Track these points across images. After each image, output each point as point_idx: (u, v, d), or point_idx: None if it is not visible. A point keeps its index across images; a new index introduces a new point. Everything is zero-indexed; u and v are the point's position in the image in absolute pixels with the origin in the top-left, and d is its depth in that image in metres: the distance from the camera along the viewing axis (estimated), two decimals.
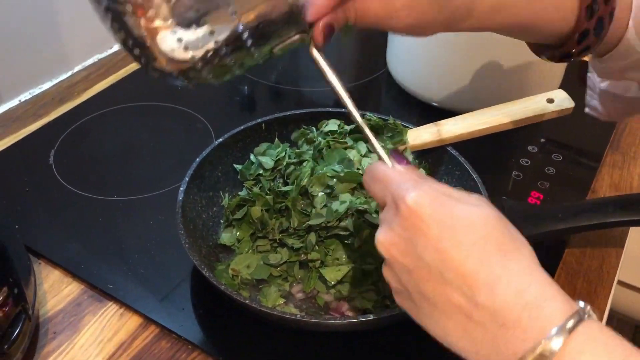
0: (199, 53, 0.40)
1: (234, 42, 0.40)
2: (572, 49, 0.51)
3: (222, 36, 0.39)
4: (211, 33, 0.39)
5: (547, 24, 0.51)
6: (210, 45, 0.40)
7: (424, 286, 0.37)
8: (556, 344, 0.32)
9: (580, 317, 0.33)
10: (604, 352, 0.32)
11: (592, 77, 0.61)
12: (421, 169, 0.66)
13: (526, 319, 0.33)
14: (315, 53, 0.45)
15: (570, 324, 0.33)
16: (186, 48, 0.39)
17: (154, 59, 0.41)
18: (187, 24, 0.39)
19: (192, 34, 0.39)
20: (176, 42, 0.39)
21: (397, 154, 0.44)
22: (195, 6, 0.38)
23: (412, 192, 0.37)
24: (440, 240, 0.36)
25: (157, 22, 0.38)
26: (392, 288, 0.41)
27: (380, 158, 0.44)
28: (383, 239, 0.39)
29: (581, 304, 0.34)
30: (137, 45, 0.40)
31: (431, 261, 0.36)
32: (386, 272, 0.41)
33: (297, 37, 0.44)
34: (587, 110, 0.64)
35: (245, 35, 0.40)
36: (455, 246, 0.35)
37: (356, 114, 0.45)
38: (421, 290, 0.37)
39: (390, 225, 0.39)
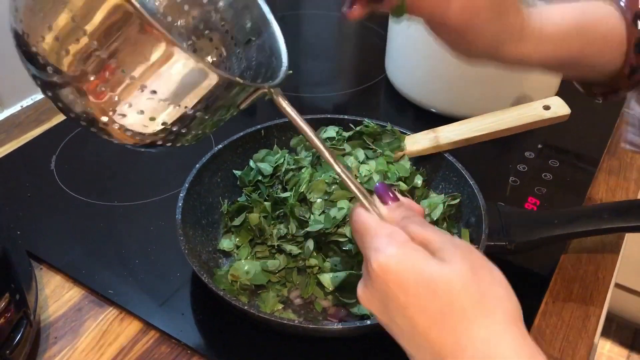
0: (158, 125, 0.40)
1: (190, 122, 0.41)
2: (622, 85, 0.51)
3: (174, 121, 0.40)
4: (163, 123, 0.40)
5: (597, 57, 0.51)
6: (165, 130, 0.41)
7: (402, 342, 0.38)
8: None
9: None
10: None
11: (634, 113, 0.60)
12: (418, 175, 0.67)
13: None
14: (279, 103, 0.44)
15: None
16: (147, 122, 0.40)
17: (116, 137, 0.42)
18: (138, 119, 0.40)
19: (139, 125, 0.40)
20: (136, 116, 0.40)
21: (385, 190, 0.43)
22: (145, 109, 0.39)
23: (381, 254, 0.37)
24: (406, 307, 0.36)
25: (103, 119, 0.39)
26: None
27: (360, 202, 0.43)
28: (361, 293, 0.40)
29: None
30: (93, 125, 0.41)
31: (402, 325, 0.37)
32: (377, 318, 0.41)
33: (255, 95, 0.43)
34: (626, 147, 0.63)
35: (199, 114, 0.40)
36: (421, 313, 0.36)
37: (329, 157, 0.44)
38: (401, 344, 0.39)
39: (366, 281, 0.40)
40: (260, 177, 0.65)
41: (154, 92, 0.38)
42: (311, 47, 1.08)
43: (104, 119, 0.40)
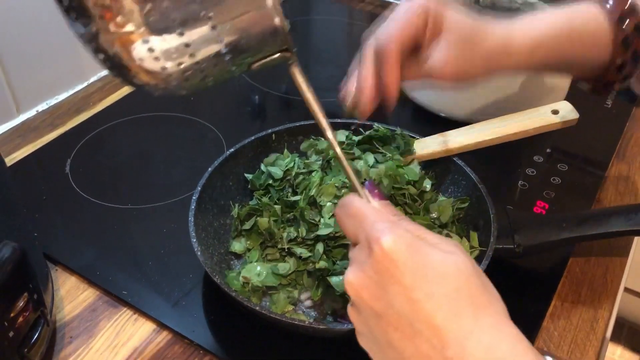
0: (173, 65, 0.37)
1: (212, 55, 0.38)
2: (613, 78, 0.55)
3: (199, 48, 0.37)
4: (187, 45, 0.37)
5: (588, 57, 0.55)
6: (186, 57, 0.37)
7: (392, 334, 0.36)
8: None
9: None
10: None
11: None
12: (427, 179, 0.67)
13: None
14: (296, 73, 0.43)
15: None
16: (160, 59, 0.37)
17: (126, 68, 0.38)
18: (161, 33, 0.36)
19: (167, 44, 0.36)
20: (148, 51, 0.36)
21: (373, 188, 0.43)
22: (171, 15, 0.36)
23: (387, 235, 0.36)
24: (413, 290, 0.35)
25: (128, 28, 0.36)
26: (356, 330, 0.40)
27: (355, 190, 0.42)
28: (353, 279, 0.38)
29: (548, 358, 0.35)
30: (107, 55, 0.38)
31: (402, 309, 0.36)
32: (351, 313, 0.40)
33: (278, 55, 0.41)
34: None
35: (224, 49, 0.38)
36: (428, 297, 0.35)
37: (332, 138, 0.44)
38: (389, 337, 0.37)
39: (362, 266, 0.38)
40: (270, 181, 0.66)
41: (210, 17, 0.36)
42: (322, 53, 1.09)
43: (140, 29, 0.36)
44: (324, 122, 0.44)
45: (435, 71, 0.53)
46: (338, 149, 0.44)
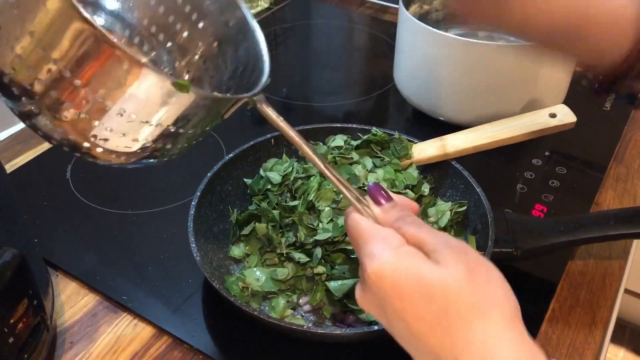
0: (142, 144, 0.40)
1: (174, 138, 0.40)
2: (627, 71, 0.46)
3: (157, 139, 0.40)
4: (146, 142, 0.40)
5: (602, 37, 0.46)
6: (148, 149, 0.40)
7: (402, 344, 0.39)
8: None
9: None
10: None
11: None
12: (425, 183, 0.68)
13: None
14: (264, 110, 0.43)
15: None
16: (130, 142, 0.39)
17: (102, 159, 0.41)
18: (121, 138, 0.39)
19: (127, 148, 0.40)
20: (119, 138, 0.39)
21: (376, 190, 0.43)
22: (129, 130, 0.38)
23: (373, 263, 0.37)
24: (403, 312, 0.36)
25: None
26: None
27: (353, 205, 0.42)
28: (360, 297, 0.40)
29: None
30: (77, 151, 0.40)
31: (400, 329, 0.38)
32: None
33: (238, 104, 0.42)
34: None
35: (182, 130, 0.40)
36: (418, 319, 0.36)
37: (319, 162, 0.43)
38: (402, 345, 0.39)
39: (363, 285, 0.40)
40: (269, 186, 0.66)
41: (133, 114, 0.37)
42: (320, 57, 1.09)
43: (86, 144, 0.39)
44: (306, 148, 0.44)
45: None
46: (328, 172, 0.43)
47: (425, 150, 0.69)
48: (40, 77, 0.36)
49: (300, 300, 0.60)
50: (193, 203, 0.62)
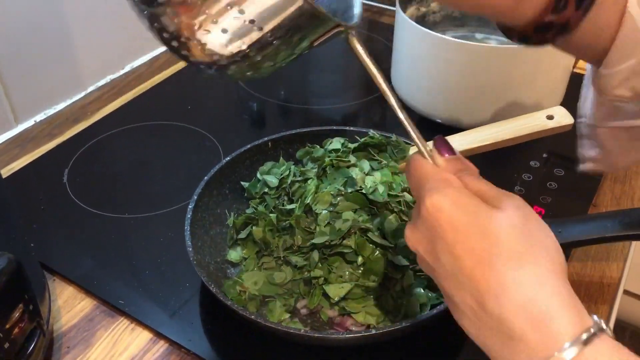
0: (237, 47, 0.40)
1: (266, 48, 0.40)
2: (548, 19, 0.40)
3: (252, 44, 0.39)
4: (241, 44, 0.39)
5: None
6: (249, 39, 0.39)
7: (444, 283, 0.39)
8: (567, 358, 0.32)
9: (591, 333, 0.32)
10: None
11: (587, 120, 0.51)
12: None
13: (530, 334, 0.33)
14: (355, 44, 0.44)
15: (581, 339, 0.32)
16: (227, 42, 0.39)
17: (194, 55, 0.41)
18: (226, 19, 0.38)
19: (224, 47, 0.39)
20: (219, 34, 0.39)
21: (441, 144, 0.43)
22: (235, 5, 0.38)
23: (434, 194, 0.38)
24: (454, 246, 0.37)
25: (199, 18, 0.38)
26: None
27: (419, 150, 0.43)
28: (409, 234, 0.41)
29: (595, 318, 0.34)
30: (176, 39, 0.40)
31: (447, 264, 0.37)
32: (419, 261, 0.42)
33: (335, 31, 0.43)
34: (582, 167, 0.54)
35: (277, 42, 0.40)
36: (468, 252, 0.36)
37: (396, 106, 0.44)
38: (442, 285, 0.39)
39: (415, 222, 0.40)
40: (266, 189, 0.66)
41: (242, 11, 0.38)
42: (318, 60, 1.09)
43: (187, 33, 0.39)
44: (385, 88, 0.44)
45: None
46: (401, 115, 0.44)
47: None
48: None
49: (298, 304, 0.60)
50: (190, 206, 0.62)
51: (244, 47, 0.40)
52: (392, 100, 0.44)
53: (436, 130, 0.77)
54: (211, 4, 0.38)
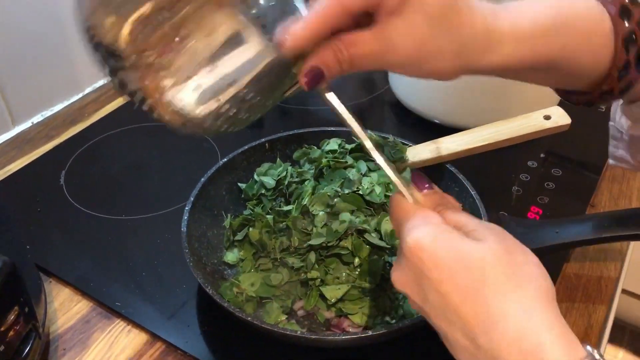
0: (205, 110, 0.41)
1: (240, 101, 0.41)
2: (611, 86, 0.46)
3: (228, 100, 0.41)
4: (217, 100, 0.40)
5: (580, 57, 0.45)
6: (215, 105, 0.41)
7: (435, 321, 0.38)
8: None
9: None
10: None
11: (617, 125, 0.55)
12: None
13: None
14: (326, 96, 0.44)
15: None
16: (196, 103, 0.41)
17: (164, 116, 0.42)
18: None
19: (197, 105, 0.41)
20: (190, 93, 0.40)
21: (419, 179, 0.44)
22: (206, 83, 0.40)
23: (413, 234, 0.38)
24: (440, 284, 0.36)
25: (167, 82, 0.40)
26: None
27: (398, 189, 0.43)
28: (395, 277, 0.40)
29: (588, 348, 0.33)
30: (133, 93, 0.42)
31: (435, 302, 0.37)
32: (410, 303, 0.41)
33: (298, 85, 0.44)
34: (611, 162, 0.59)
35: (251, 95, 0.41)
36: (454, 289, 0.36)
37: (375, 154, 0.44)
38: (435, 324, 0.39)
39: (400, 262, 0.40)
40: (263, 191, 0.66)
41: (215, 66, 0.38)
42: None
43: (156, 96, 0.41)
44: (361, 134, 0.45)
45: (388, 53, 0.42)
46: (377, 157, 0.45)
47: (420, 153, 0.69)
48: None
49: (295, 306, 0.60)
50: (187, 208, 0.62)
51: (220, 102, 0.40)
52: (368, 145, 0.44)
53: (435, 130, 0.78)
54: (183, 65, 0.38)
